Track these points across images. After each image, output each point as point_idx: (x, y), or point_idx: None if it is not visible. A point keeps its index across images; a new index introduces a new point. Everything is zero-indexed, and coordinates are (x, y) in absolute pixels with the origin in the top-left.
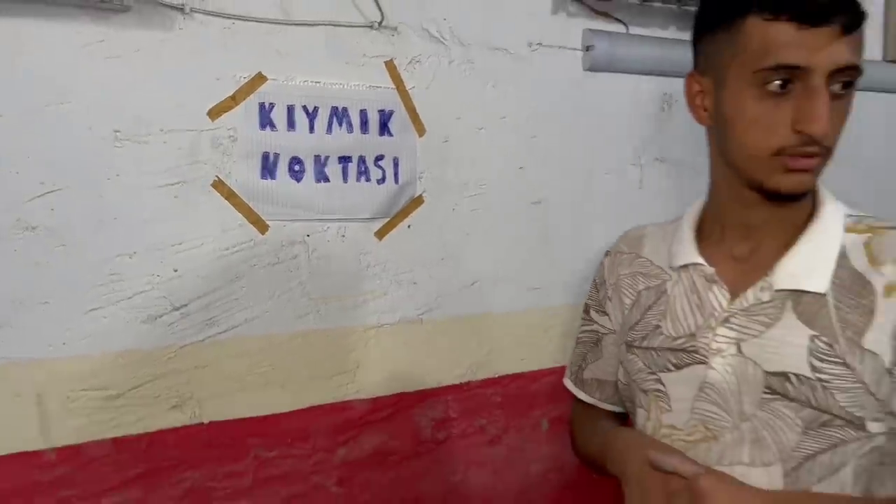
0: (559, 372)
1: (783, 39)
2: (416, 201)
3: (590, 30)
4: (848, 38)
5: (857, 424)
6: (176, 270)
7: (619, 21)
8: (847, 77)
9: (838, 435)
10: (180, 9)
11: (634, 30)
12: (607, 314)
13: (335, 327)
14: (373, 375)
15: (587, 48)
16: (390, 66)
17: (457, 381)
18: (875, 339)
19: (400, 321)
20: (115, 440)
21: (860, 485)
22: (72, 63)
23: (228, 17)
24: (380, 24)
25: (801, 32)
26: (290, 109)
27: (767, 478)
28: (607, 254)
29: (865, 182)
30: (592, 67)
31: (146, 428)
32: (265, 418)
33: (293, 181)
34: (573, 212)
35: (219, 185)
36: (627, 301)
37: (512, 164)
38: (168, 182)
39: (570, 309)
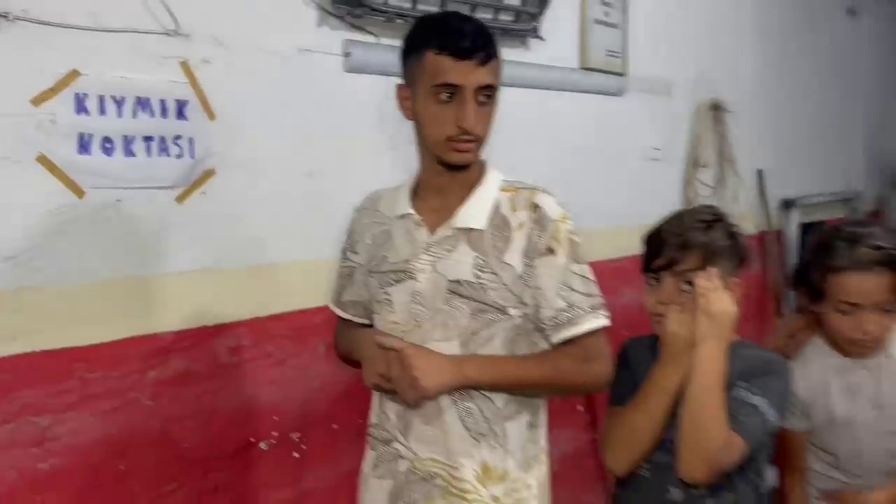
0: (326, 310)
1: (446, 67)
2: (209, 173)
3: (348, 39)
4: (486, 67)
5: (503, 311)
6: (9, 229)
7: (371, 33)
8: (487, 92)
9: (491, 318)
10: (4, 16)
11: (383, 40)
12: (357, 253)
13: (144, 274)
14: (176, 313)
15: (346, 54)
16: (184, 66)
17: (248, 317)
18: (511, 257)
19: (198, 269)
20: None
21: (505, 349)
22: None
23: (47, 24)
24: (175, 31)
25: (456, 63)
26: (102, 99)
27: (449, 347)
28: (356, 210)
29: (574, 159)
30: (351, 69)
31: None
32: (87, 348)
33: (105, 156)
34: (339, 181)
35: (42, 159)
36: (368, 241)
37: (288, 144)
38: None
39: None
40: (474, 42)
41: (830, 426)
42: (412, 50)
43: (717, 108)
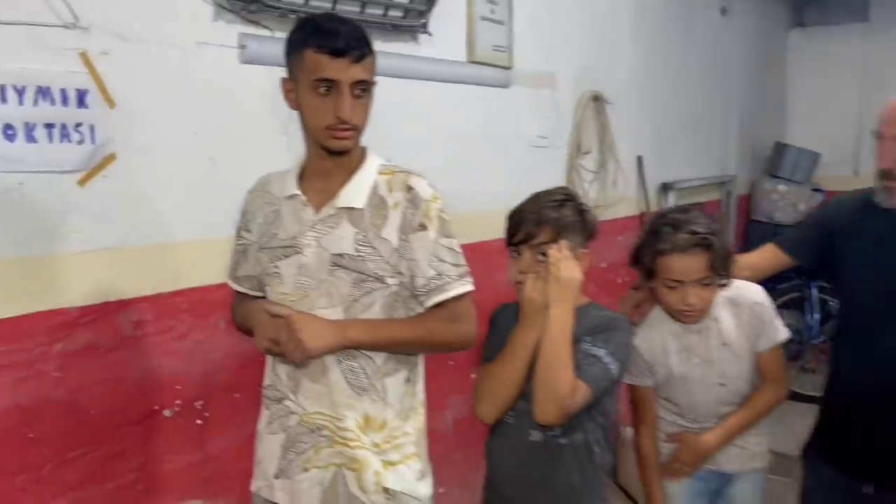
0: (227, 287)
1: (323, 64)
2: (110, 157)
3: (243, 33)
4: (360, 64)
5: (381, 280)
6: None
7: (265, 27)
8: (362, 86)
9: (370, 287)
10: None
11: (277, 33)
12: (250, 231)
13: (48, 253)
14: (81, 290)
15: (242, 46)
16: (84, 57)
17: (150, 293)
18: (388, 232)
19: (101, 248)
20: None
21: (384, 314)
22: None
23: None
24: (74, 25)
25: (332, 60)
26: (3, 88)
27: (334, 314)
28: (249, 192)
29: (464, 147)
30: (246, 61)
31: None
32: None
33: (7, 142)
34: (235, 166)
35: None
36: (260, 220)
37: (186, 131)
38: None
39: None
40: (348, 42)
41: (671, 381)
42: (294, 48)
43: (597, 100)
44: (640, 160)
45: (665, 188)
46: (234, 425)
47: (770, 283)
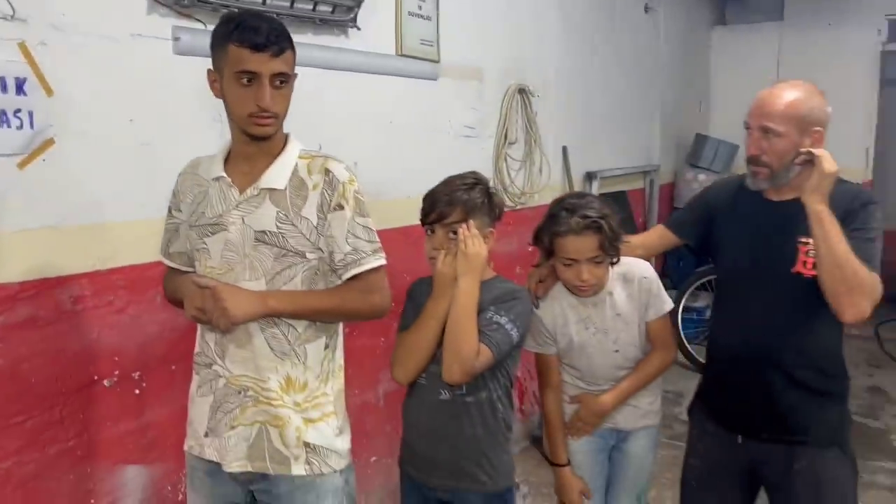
0: (163, 265)
1: (245, 58)
2: (49, 142)
3: (177, 26)
4: (279, 58)
5: (301, 255)
6: None
7: (198, 20)
8: (281, 78)
9: (292, 261)
10: None
11: (210, 26)
12: (181, 210)
13: None
14: (20, 266)
15: (175, 38)
16: (23, 47)
17: (89, 270)
18: (308, 211)
19: (40, 228)
20: None
21: (305, 286)
22: None
23: None
24: (12, 16)
25: (253, 54)
26: None
27: (257, 285)
28: (179, 174)
29: (395, 136)
30: (179, 52)
31: None
32: None
33: None
34: (169, 151)
35: None
36: (189, 200)
37: (122, 117)
38: None
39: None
40: (268, 37)
41: (571, 348)
42: (218, 42)
43: (523, 92)
44: (565, 150)
45: (590, 177)
46: (170, 394)
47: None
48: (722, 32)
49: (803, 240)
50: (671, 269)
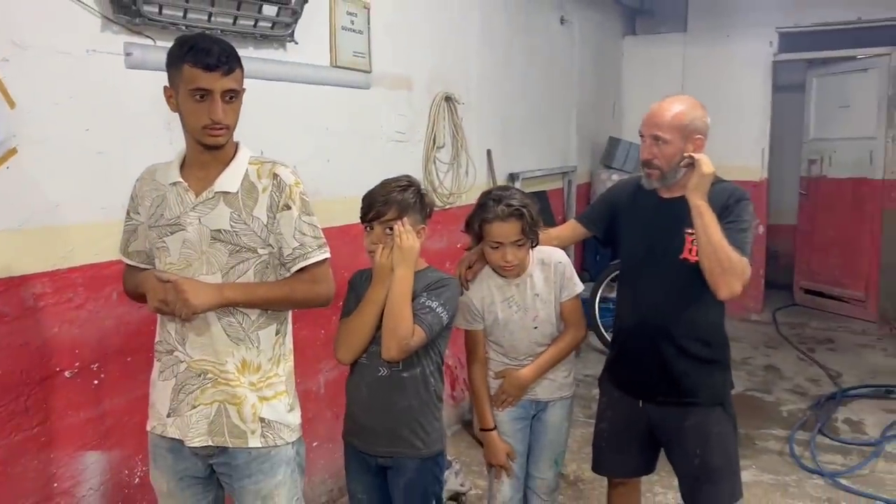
0: (119, 264)
1: (198, 76)
2: (11, 151)
3: (128, 42)
4: (229, 76)
5: (253, 251)
6: None
7: (149, 37)
8: (231, 94)
9: (245, 256)
10: None
11: (160, 42)
12: (139, 213)
13: None
14: None
15: (128, 54)
16: None
17: (50, 269)
18: (258, 211)
19: (3, 230)
20: None
21: (257, 279)
22: None
23: None
24: None
25: (205, 73)
26: None
27: (214, 279)
28: (137, 180)
29: (331, 141)
30: (131, 67)
31: None
32: None
33: None
34: (124, 158)
35: None
36: (148, 204)
37: (80, 127)
38: None
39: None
40: (219, 58)
41: (497, 325)
42: (173, 62)
43: (449, 100)
44: (489, 153)
45: (512, 178)
46: (127, 384)
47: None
48: (632, 42)
49: (689, 231)
50: (589, 263)
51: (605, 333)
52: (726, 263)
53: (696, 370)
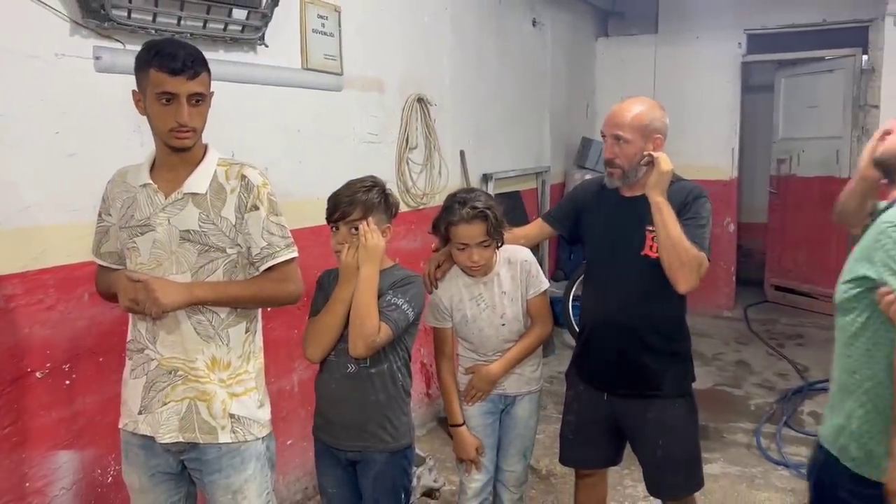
0: (91, 265)
1: (164, 81)
2: None
3: (98, 46)
4: (195, 80)
5: (222, 250)
6: None
7: (118, 41)
8: (197, 97)
9: (214, 255)
10: None
11: (129, 46)
12: (111, 215)
13: None
14: None
15: (97, 58)
16: None
17: (21, 271)
18: (227, 212)
19: None
20: None
21: (226, 278)
22: None
23: None
24: None
25: (171, 78)
26: None
27: (183, 278)
28: (109, 182)
29: (304, 142)
30: (101, 70)
31: None
32: None
33: None
34: (94, 159)
35: None
36: (119, 205)
37: (50, 130)
38: None
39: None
40: (185, 63)
41: (465, 323)
42: (141, 67)
43: (422, 101)
44: (462, 154)
45: (486, 178)
46: (98, 384)
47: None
48: (605, 44)
49: (650, 228)
50: (563, 261)
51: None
52: (685, 258)
53: (659, 363)
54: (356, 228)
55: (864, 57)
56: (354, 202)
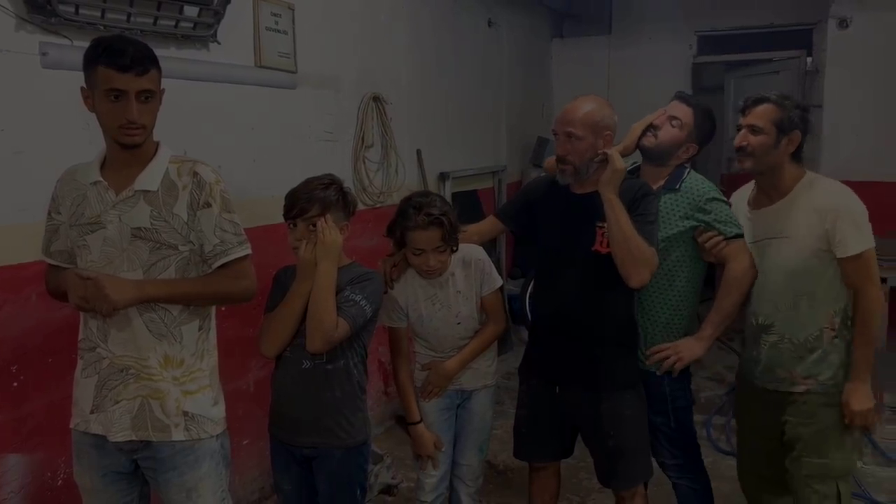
0: (39, 265)
1: (113, 77)
2: None
3: (44, 42)
4: (144, 77)
5: (174, 248)
6: None
7: (66, 37)
8: (146, 94)
9: (165, 253)
10: None
11: (77, 42)
12: (60, 213)
13: None
14: None
15: (43, 54)
16: None
17: None
18: (179, 209)
19: None
20: None
21: (179, 275)
22: None
23: None
24: None
25: (120, 74)
26: None
27: (135, 275)
28: (58, 180)
29: (258, 140)
30: (47, 66)
31: None
32: None
33: None
34: (42, 157)
35: None
36: (69, 203)
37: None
38: None
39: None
40: (133, 59)
41: (421, 322)
42: (89, 63)
43: (378, 100)
44: (419, 153)
45: (443, 177)
46: (48, 386)
47: None
48: (560, 44)
49: (600, 224)
50: (521, 259)
51: None
52: (637, 253)
53: (609, 356)
54: (314, 225)
55: (809, 59)
56: (312, 199)
